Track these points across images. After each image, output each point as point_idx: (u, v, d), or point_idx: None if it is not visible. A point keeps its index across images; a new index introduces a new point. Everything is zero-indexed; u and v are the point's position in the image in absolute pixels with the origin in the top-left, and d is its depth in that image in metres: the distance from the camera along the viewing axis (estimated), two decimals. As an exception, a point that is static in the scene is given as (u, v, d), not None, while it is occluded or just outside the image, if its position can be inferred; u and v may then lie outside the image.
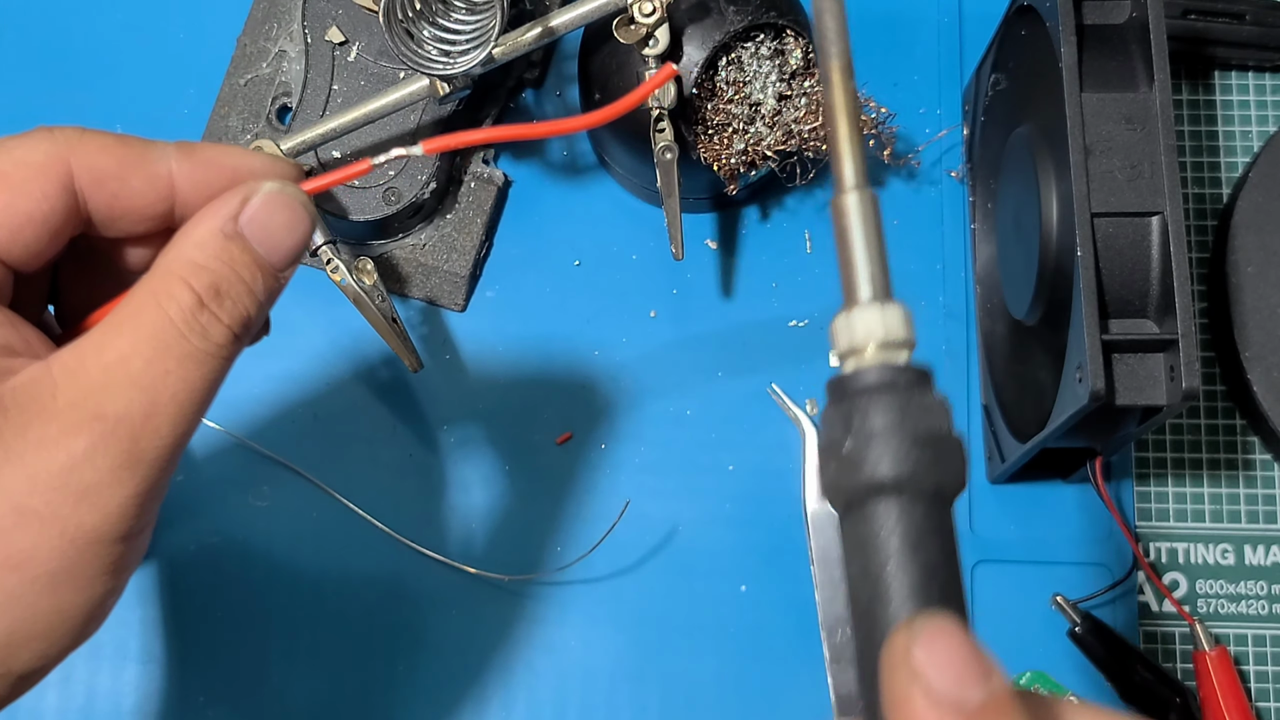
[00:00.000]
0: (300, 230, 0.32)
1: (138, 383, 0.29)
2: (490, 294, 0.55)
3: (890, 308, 0.28)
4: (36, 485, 0.28)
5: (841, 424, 0.27)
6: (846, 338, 0.28)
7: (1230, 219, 0.53)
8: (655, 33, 0.47)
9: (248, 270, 0.31)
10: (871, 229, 0.29)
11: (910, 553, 0.26)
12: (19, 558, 0.28)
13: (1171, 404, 0.42)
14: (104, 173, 0.31)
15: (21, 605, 0.28)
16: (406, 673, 0.51)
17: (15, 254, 0.30)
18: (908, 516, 0.26)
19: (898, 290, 0.58)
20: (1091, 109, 0.44)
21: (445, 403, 0.54)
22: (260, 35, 0.55)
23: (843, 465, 0.27)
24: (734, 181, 0.51)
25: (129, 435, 0.29)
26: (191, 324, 0.30)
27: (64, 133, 0.31)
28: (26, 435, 0.28)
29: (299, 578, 0.52)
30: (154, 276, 0.30)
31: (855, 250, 0.29)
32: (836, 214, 0.29)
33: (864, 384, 0.28)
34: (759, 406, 0.54)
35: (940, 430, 0.27)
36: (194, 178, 0.32)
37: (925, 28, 0.58)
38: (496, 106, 0.56)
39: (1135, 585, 0.52)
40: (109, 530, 0.29)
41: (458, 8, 0.45)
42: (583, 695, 0.51)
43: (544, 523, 0.53)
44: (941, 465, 0.27)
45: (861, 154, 0.29)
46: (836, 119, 0.30)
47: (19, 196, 0.30)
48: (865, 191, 0.29)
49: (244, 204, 0.31)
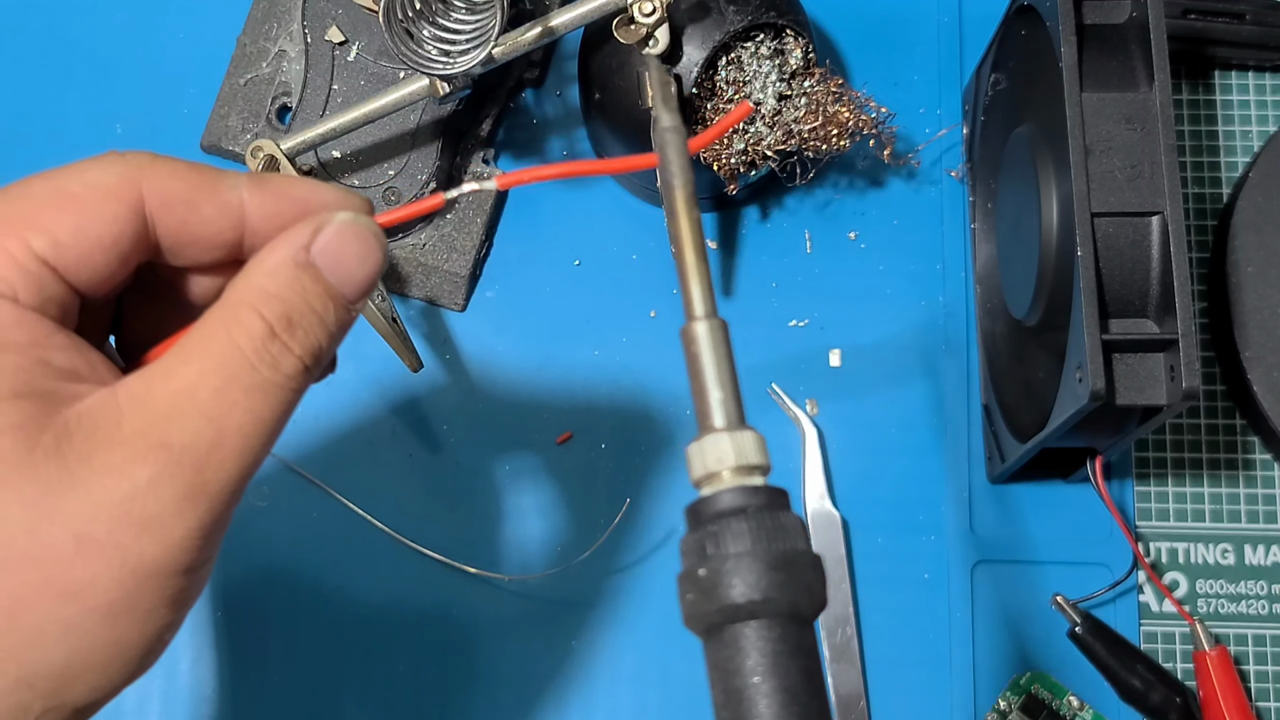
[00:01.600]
0: (372, 261, 0.31)
1: (205, 412, 0.28)
2: (490, 294, 0.55)
3: (742, 433, 0.29)
4: (99, 513, 0.27)
5: (697, 550, 0.28)
6: (700, 464, 0.29)
7: (1230, 219, 0.53)
8: (655, 33, 0.47)
9: (320, 300, 0.30)
10: (722, 356, 0.29)
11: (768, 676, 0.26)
12: (78, 586, 0.27)
13: (1171, 404, 0.42)
14: (174, 198, 0.31)
15: (79, 635, 0.28)
16: (407, 672, 0.51)
17: (84, 278, 0.30)
18: (765, 640, 0.27)
19: (898, 290, 0.58)
20: (1091, 109, 0.44)
21: (445, 403, 0.54)
22: (260, 35, 0.55)
23: (699, 591, 0.27)
24: (734, 181, 0.51)
25: (194, 466, 0.28)
26: (262, 354, 0.29)
27: (136, 156, 0.31)
28: (91, 462, 0.28)
29: (298, 577, 0.52)
30: (224, 305, 0.30)
31: (707, 378, 0.29)
32: (686, 341, 0.30)
33: (718, 508, 0.28)
34: (759, 406, 0.54)
35: (795, 550, 0.27)
36: (265, 208, 0.32)
37: (925, 28, 0.58)
38: (496, 106, 0.56)
39: (1135, 585, 0.52)
40: (170, 562, 0.28)
41: (458, 8, 0.45)
42: (583, 695, 0.51)
43: (544, 523, 0.53)
44: (797, 586, 0.27)
45: (708, 283, 0.30)
46: (684, 248, 0.30)
47: (89, 219, 0.30)
48: (714, 320, 0.30)
49: (316, 234, 0.31)
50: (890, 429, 0.53)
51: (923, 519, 0.53)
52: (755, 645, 0.27)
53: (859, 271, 0.55)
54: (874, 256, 0.55)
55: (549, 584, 0.52)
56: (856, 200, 0.56)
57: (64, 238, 0.29)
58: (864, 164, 0.56)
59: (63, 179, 0.30)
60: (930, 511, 0.53)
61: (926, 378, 0.54)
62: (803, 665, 0.27)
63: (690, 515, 0.29)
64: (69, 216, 0.29)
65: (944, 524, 0.53)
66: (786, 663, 0.27)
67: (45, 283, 0.29)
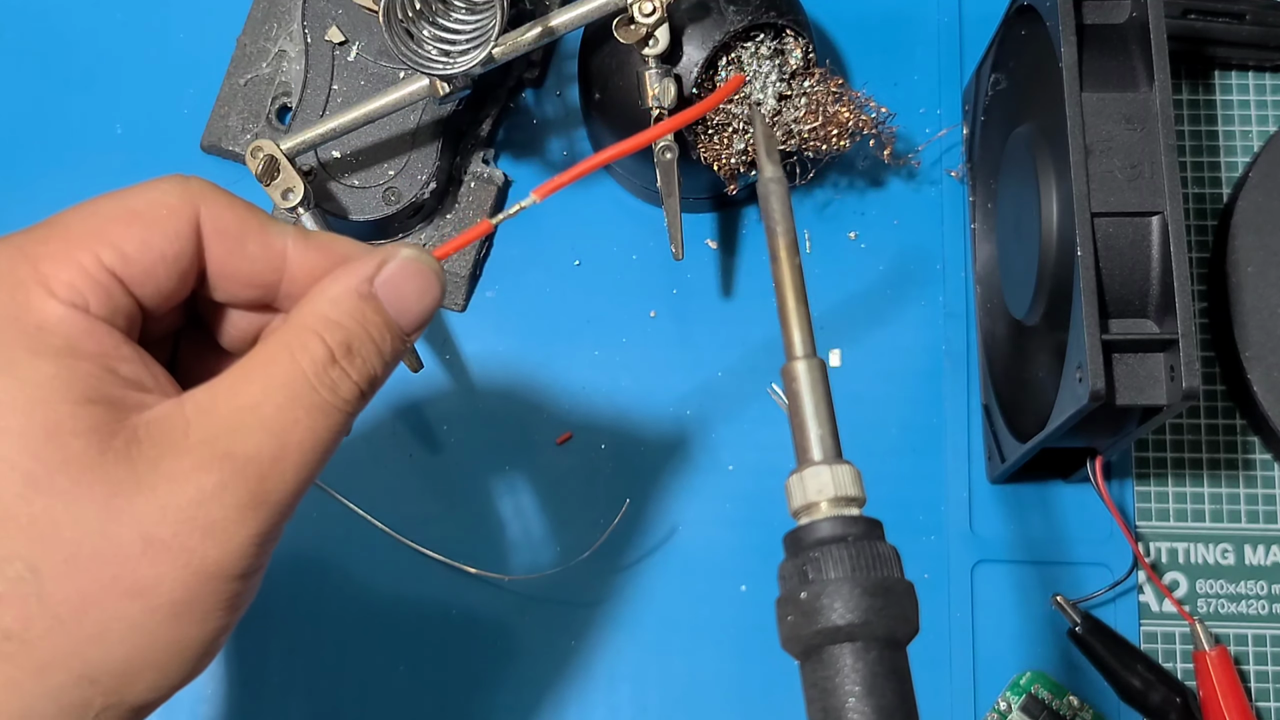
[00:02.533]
0: (431, 297, 0.33)
1: (268, 427, 0.30)
2: (490, 294, 0.55)
3: (840, 466, 0.31)
4: (166, 516, 0.29)
5: (797, 575, 0.29)
6: (800, 495, 0.31)
7: (1230, 219, 0.53)
8: (655, 33, 0.47)
9: (378, 330, 0.32)
10: (820, 394, 0.32)
11: (866, 695, 0.28)
12: (144, 585, 0.29)
13: (1171, 404, 0.42)
14: (226, 228, 0.32)
15: (142, 633, 0.29)
16: (407, 672, 0.51)
17: (148, 291, 0.31)
18: (863, 661, 0.28)
19: (898, 290, 0.58)
20: (1091, 109, 0.44)
21: (445, 403, 0.54)
22: (260, 35, 0.55)
23: (800, 614, 0.29)
24: (734, 181, 0.51)
25: (257, 476, 0.30)
26: (322, 377, 0.31)
27: (197, 182, 0.32)
28: (159, 468, 0.29)
29: (298, 577, 0.52)
30: (289, 328, 0.31)
31: (806, 415, 0.32)
32: (787, 379, 0.32)
33: (818, 537, 0.30)
34: (759, 406, 0.54)
35: (891, 578, 0.29)
36: (307, 260, 0.33)
37: (925, 28, 0.58)
38: (496, 106, 0.56)
39: (1135, 585, 0.52)
40: (231, 566, 0.29)
41: (458, 8, 0.45)
42: (583, 695, 0.51)
43: (544, 523, 0.53)
44: (893, 611, 0.29)
45: (808, 325, 0.32)
46: (786, 293, 0.33)
47: (154, 235, 0.31)
48: (814, 360, 0.32)
49: (381, 267, 0.32)
50: (890, 429, 0.53)
51: (923, 519, 0.53)
52: (853, 666, 0.28)
53: (859, 271, 0.55)
54: (874, 256, 0.55)
55: (549, 584, 0.52)
56: (856, 200, 0.56)
57: (131, 252, 0.31)
58: (864, 164, 0.56)
59: (129, 198, 0.31)
60: (930, 511, 0.53)
61: (926, 377, 0.54)
62: (897, 687, 0.28)
63: (790, 542, 0.31)
64: (136, 232, 0.31)
65: (944, 524, 0.53)
66: (883, 684, 0.28)
67: (114, 294, 0.30)
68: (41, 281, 0.30)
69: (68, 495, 0.28)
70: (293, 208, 0.48)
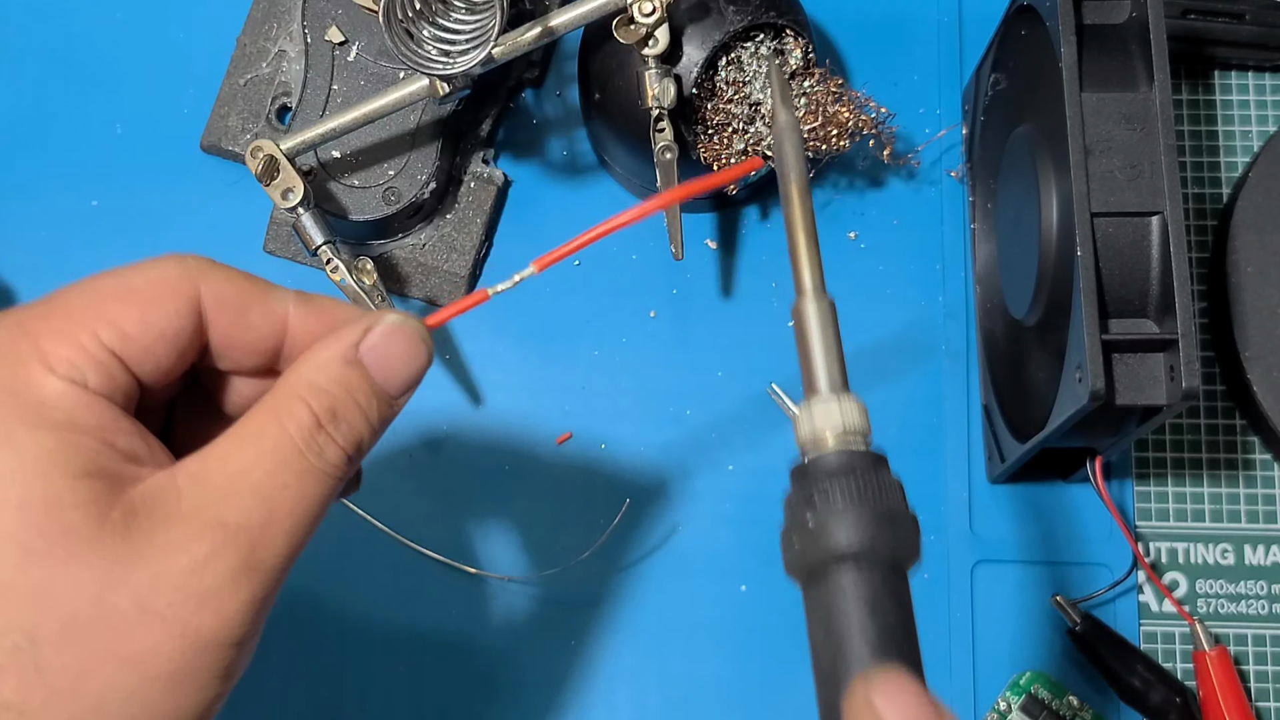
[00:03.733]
0: (417, 363, 0.34)
1: (258, 493, 0.30)
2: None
3: (847, 400, 0.31)
4: (160, 586, 0.29)
5: (804, 503, 0.30)
6: (808, 428, 0.31)
7: (1230, 219, 0.53)
8: (655, 33, 0.47)
9: (364, 396, 0.32)
10: (829, 331, 0.32)
11: (869, 615, 0.28)
12: (140, 654, 0.29)
13: (1171, 404, 0.42)
14: (227, 301, 0.33)
15: (139, 703, 0.29)
16: (406, 673, 0.51)
17: (146, 368, 0.32)
18: (866, 583, 0.29)
19: (898, 290, 0.58)
20: (1091, 109, 0.44)
21: (445, 403, 0.54)
22: (260, 35, 0.55)
23: (806, 538, 0.29)
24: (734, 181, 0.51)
25: (248, 543, 0.30)
26: (309, 442, 0.31)
27: (195, 259, 0.33)
28: (153, 538, 0.29)
29: (297, 578, 0.52)
30: (276, 395, 0.32)
31: (815, 350, 0.32)
32: (797, 317, 0.32)
33: (826, 468, 0.30)
34: (759, 406, 0.54)
35: (896, 507, 0.30)
36: (307, 324, 0.34)
37: (925, 28, 0.58)
38: (496, 106, 0.56)
39: (1135, 585, 0.52)
40: (225, 634, 0.30)
41: (458, 8, 0.45)
42: (582, 695, 0.51)
43: (544, 523, 0.53)
44: (897, 538, 0.29)
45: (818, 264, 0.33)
46: (797, 233, 0.33)
47: (153, 313, 0.31)
48: (824, 298, 0.32)
49: (366, 333, 0.33)
50: (890, 429, 0.53)
51: (922, 519, 0.52)
52: (857, 587, 0.29)
53: (859, 271, 0.55)
54: (874, 256, 0.55)
55: (549, 584, 0.52)
56: (856, 200, 0.56)
57: (130, 330, 0.31)
58: (864, 164, 0.56)
59: (129, 276, 0.32)
60: (930, 511, 0.53)
61: (926, 378, 0.54)
62: (899, 609, 0.29)
63: (797, 474, 0.31)
64: (135, 310, 0.31)
65: (944, 524, 0.53)
66: (886, 603, 0.29)
67: (113, 371, 0.31)
68: (42, 358, 0.30)
69: (65, 566, 0.29)
70: (292, 208, 0.48)
